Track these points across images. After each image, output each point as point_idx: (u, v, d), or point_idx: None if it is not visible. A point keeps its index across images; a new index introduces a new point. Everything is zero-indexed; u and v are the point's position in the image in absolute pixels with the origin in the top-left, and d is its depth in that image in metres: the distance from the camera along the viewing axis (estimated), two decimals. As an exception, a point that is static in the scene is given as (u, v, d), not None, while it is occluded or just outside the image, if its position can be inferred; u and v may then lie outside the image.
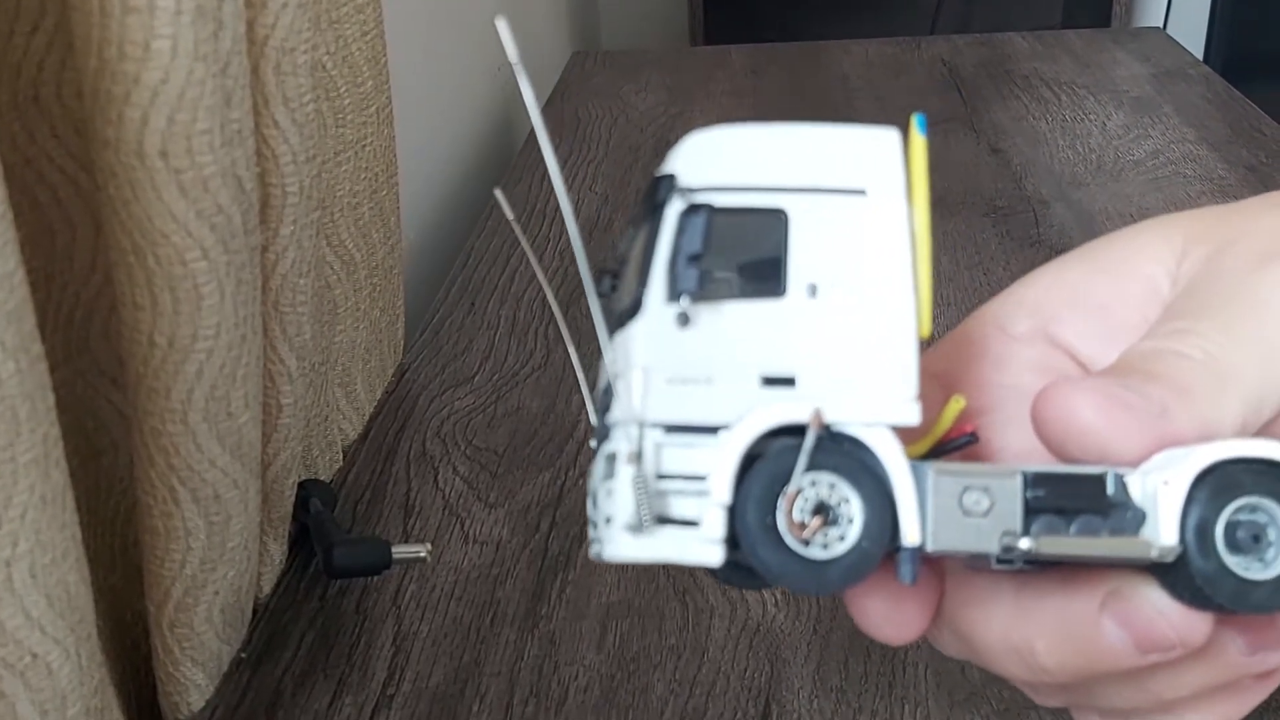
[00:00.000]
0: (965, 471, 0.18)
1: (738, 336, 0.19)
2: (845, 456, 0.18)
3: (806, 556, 0.18)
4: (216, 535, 0.35)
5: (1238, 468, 0.18)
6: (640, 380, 0.19)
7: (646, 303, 0.19)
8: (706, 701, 0.36)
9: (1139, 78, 0.90)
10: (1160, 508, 0.18)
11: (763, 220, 0.19)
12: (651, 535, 0.18)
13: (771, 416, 0.18)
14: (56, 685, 0.28)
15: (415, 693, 0.37)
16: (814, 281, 0.19)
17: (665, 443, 0.18)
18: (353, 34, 0.46)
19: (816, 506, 0.18)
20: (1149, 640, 0.19)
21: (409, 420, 0.52)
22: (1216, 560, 0.18)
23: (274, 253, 0.37)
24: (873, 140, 0.19)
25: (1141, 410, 0.19)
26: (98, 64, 0.29)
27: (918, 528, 0.18)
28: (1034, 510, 0.18)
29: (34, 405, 0.26)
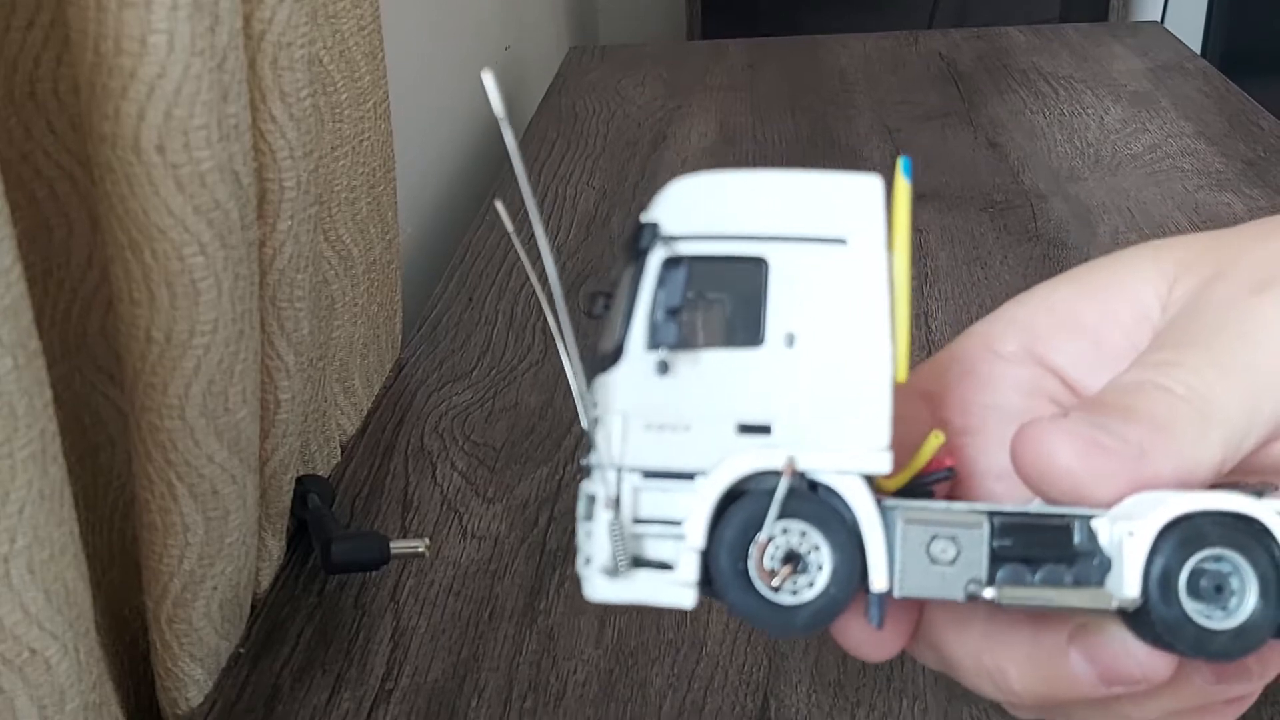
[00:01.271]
0: (933, 520, 0.19)
1: (715, 384, 0.19)
2: (817, 505, 0.19)
3: (775, 602, 0.18)
4: (214, 530, 0.35)
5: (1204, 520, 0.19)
6: (619, 426, 0.19)
7: (627, 349, 0.19)
8: (705, 696, 0.36)
9: (1136, 72, 0.90)
10: (1125, 558, 0.19)
11: (743, 269, 0.19)
12: (627, 579, 0.18)
13: (745, 464, 0.19)
14: (55, 681, 0.28)
15: (414, 687, 0.37)
16: (792, 331, 0.19)
17: (643, 487, 0.19)
18: (350, 28, 0.45)
19: (787, 554, 0.18)
20: (1113, 675, 0.19)
21: (407, 415, 0.52)
22: (1179, 609, 0.18)
23: (271, 248, 0.37)
24: (855, 188, 0.20)
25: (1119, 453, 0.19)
26: (94, 59, 0.29)
27: (885, 575, 0.19)
28: (1000, 559, 0.19)
29: (31, 401, 0.26)
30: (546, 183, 0.76)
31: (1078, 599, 0.19)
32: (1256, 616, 0.19)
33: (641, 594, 0.18)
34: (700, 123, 0.85)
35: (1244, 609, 0.19)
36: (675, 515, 0.19)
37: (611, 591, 0.19)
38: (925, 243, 0.66)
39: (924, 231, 0.67)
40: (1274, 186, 0.69)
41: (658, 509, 0.19)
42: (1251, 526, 0.19)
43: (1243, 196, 0.69)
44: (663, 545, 0.19)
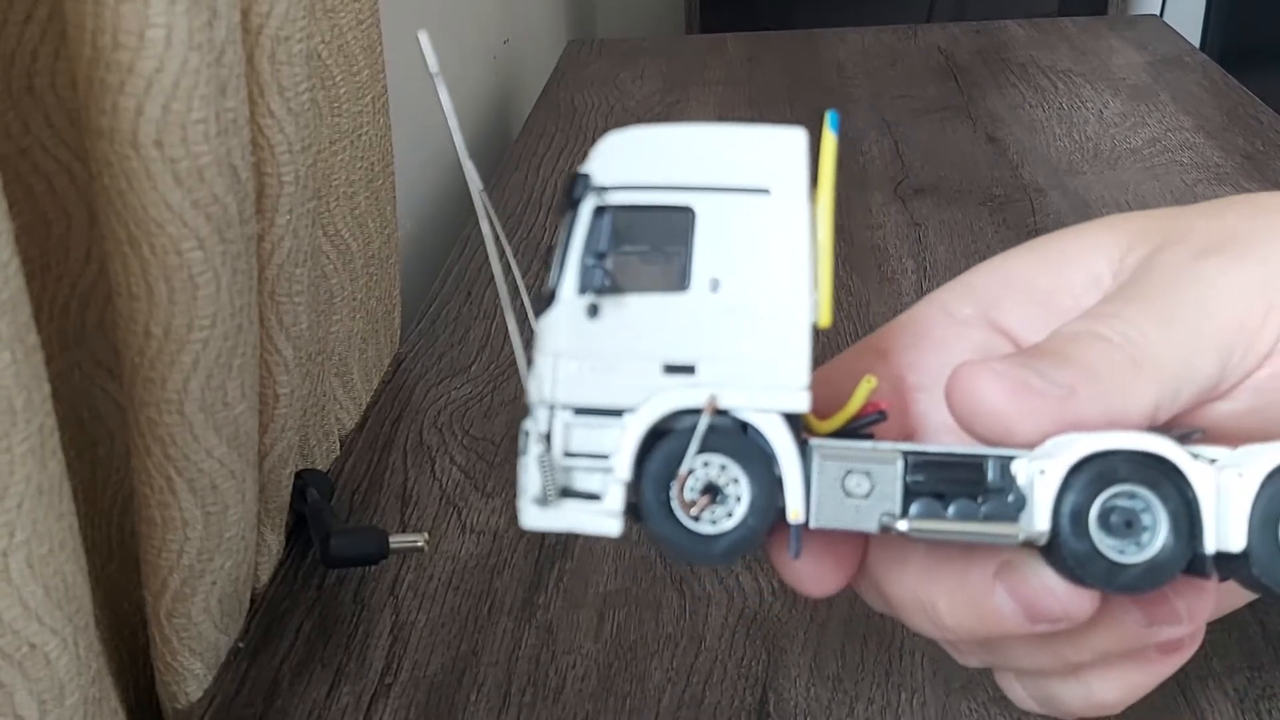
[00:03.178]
0: (848, 455, 0.20)
1: (643, 327, 0.20)
2: (736, 440, 0.20)
3: (696, 531, 0.20)
4: (213, 525, 0.35)
5: (1116, 457, 0.20)
6: (551, 366, 0.20)
7: (559, 294, 0.20)
8: (704, 690, 0.36)
9: (1135, 66, 0.90)
10: (1036, 494, 0.20)
11: (671, 217, 0.20)
12: (556, 508, 0.20)
13: (670, 401, 0.20)
14: (54, 675, 0.28)
15: (413, 682, 0.37)
16: (716, 276, 0.20)
17: (574, 423, 0.20)
18: (348, 22, 0.45)
19: (706, 486, 0.20)
20: (1035, 611, 0.20)
21: (406, 410, 0.52)
22: (1089, 543, 0.19)
23: (270, 242, 0.37)
24: (780, 140, 0.21)
25: (1046, 394, 0.20)
26: (92, 53, 0.28)
27: (801, 507, 0.20)
28: (913, 493, 0.20)
29: (30, 396, 0.26)
30: (545, 177, 0.76)
31: (988, 530, 0.20)
32: (1167, 551, 0.19)
33: (570, 522, 0.20)
34: (698, 117, 0.85)
35: (1155, 544, 0.19)
36: (604, 450, 0.20)
37: (542, 519, 0.20)
38: (923, 237, 0.66)
39: (922, 226, 0.67)
40: (1273, 180, 0.69)
41: (587, 444, 0.20)
42: (1163, 465, 0.20)
43: (1242, 190, 0.68)
44: (591, 478, 0.20)
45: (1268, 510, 0.19)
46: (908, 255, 0.64)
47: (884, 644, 0.37)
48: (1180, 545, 0.19)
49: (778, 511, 0.20)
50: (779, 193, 0.20)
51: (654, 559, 0.42)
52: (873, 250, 0.64)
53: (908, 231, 0.66)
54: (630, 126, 0.20)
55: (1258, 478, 0.19)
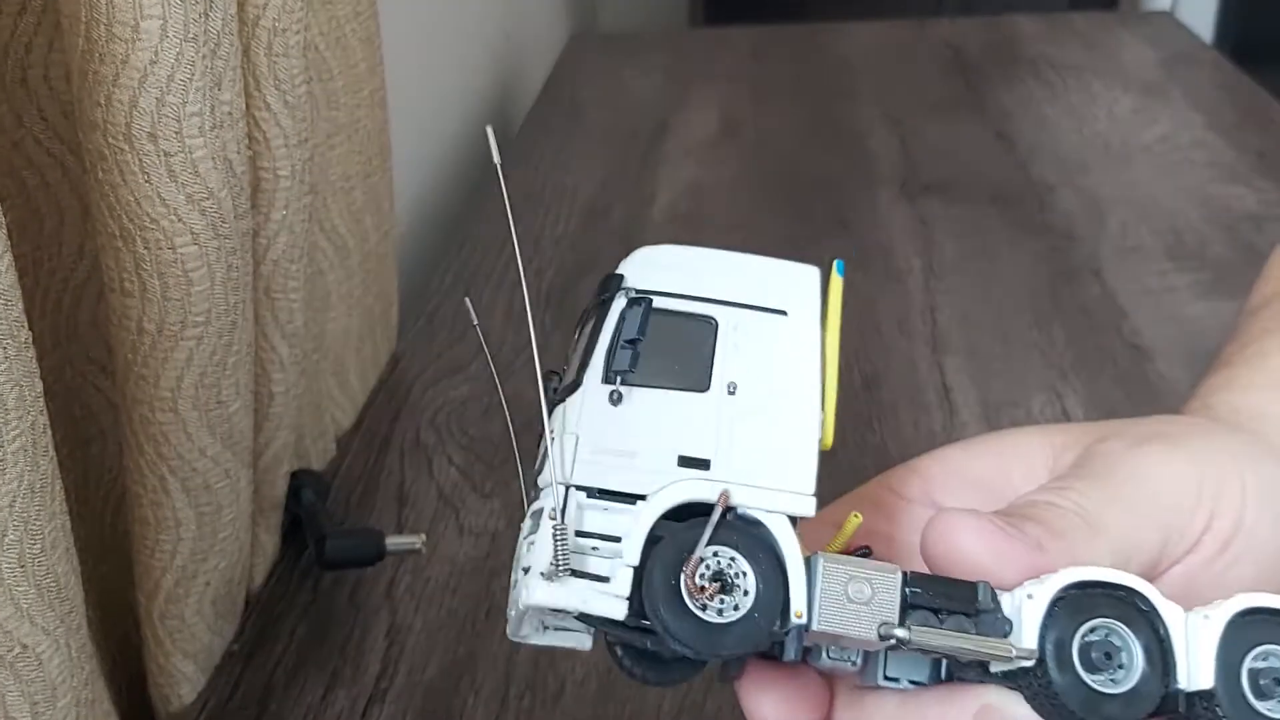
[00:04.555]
0: (852, 563, 0.21)
1: (662, 420, 0.21)
2: (746, 535, 0.20)
3: (703, 619, 0.20)
4: (207, 525, 0.35)
5: (1096, 591, 0.21)
6: (571, 447, 0.21)
7: (585, 380, 0.21)
8: (705, 696, 0.36)
9: (1147, 62, 0.89)
10: (1024, 619, 0.21)
11: (696, 325, 0.22)
12: (564, 584, 0.20)
13: (684, 492, 0.20)
14: (46, 676, 0.28)
15: (409, 686, 0.37)
16: (734, 381, 0.21)
17: (587, 505, 0.21)
18: (345, 14, 0.45)
19: (715, 575, 0.20)
20: None
21: (403, 410, 0.51)
22: (1072, 673, 0.20)
23: (265, 238, 0.36)
24: (797, 272, 0.23)
25: (1020, 541, 0.22)
26: (86, 45, 0.28)
27: (805, 605, 0.20)
28: (911, 605, 0.21)
29: (22, 393, 0.26)
30: (546, 173, 0.76)
31: (982, 645, 0.20)
32: (1145, 684, 0.20)
33: (575, 599, 0.20)
34: (702, 112, 0.84)
35: (1132, 677, 0.20)
36: (614, 532, 0.20)
37: (549, 595, 0.20)
38: (931, 235, 0.65)
39: (929, 224, 0.66)
40: (1284, 179, 0.68)
41: (599, 525, 0.20)
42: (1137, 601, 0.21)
43: (1254, 189, 0.68)
44: (600, 561, 0.20)
45: (1231, 653, 0.20)
46: (914, 253, 0.63)
47: (888, 650, 0.37)
48: (1155, 679, 0.20)
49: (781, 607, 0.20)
50: (795, 315, 0.22)
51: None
52: (879, 248, 0.64)
53: (915, 229, 0.65)
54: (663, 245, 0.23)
55: (1223, 620, 0.21)
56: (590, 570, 0.20)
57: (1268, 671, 0.20)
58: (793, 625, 0.20)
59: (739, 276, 0.22)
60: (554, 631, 0.22)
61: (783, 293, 0.22)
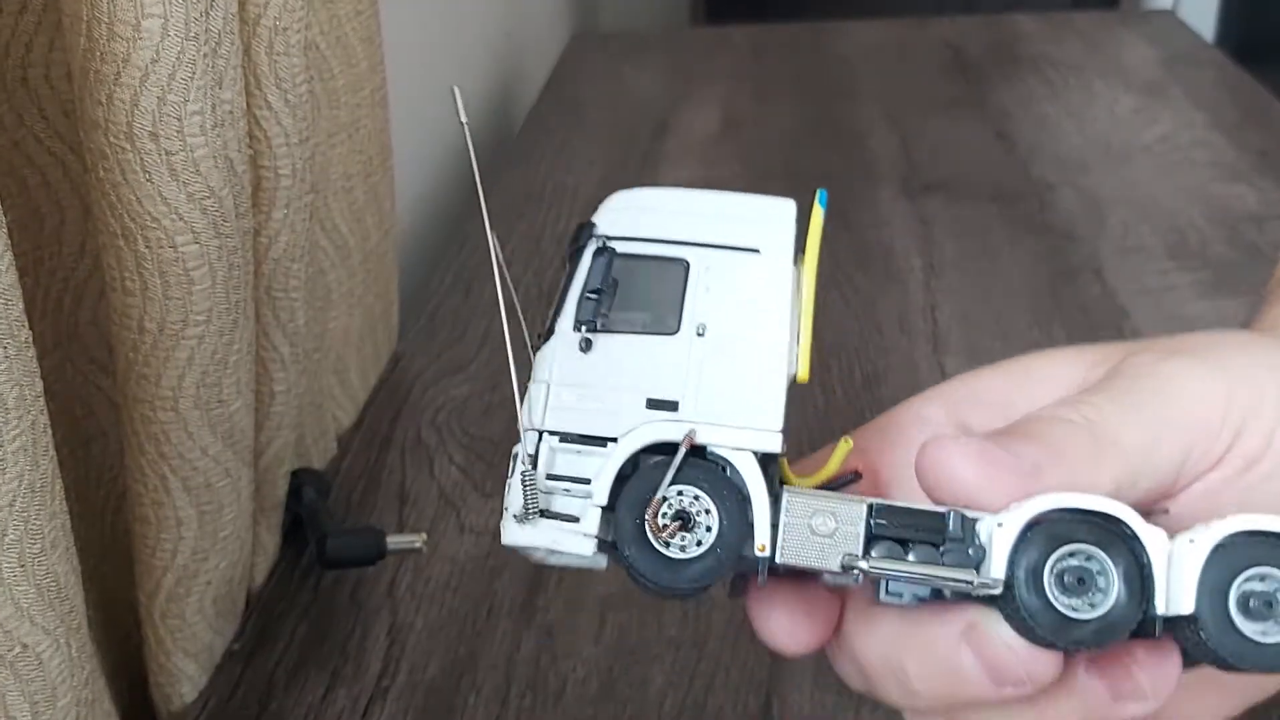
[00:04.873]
0: (817, 496, 0.21)
1: (631, 364, 0.22)
2: (711, 473, 0.21)
3: (666, 555, 0.21)
4: (208, 525, 0.35)
5: (1071, 516, 0.21)
6: (543, 394, 0.22)
7: (557, 328, 0.22)
8: (706, 695, 0.36)
9: (1148, 61, 0.89)
10: (994, 547, 0.21)
11: (666, 268, 0.22)
12: (535, 525, 0.21)
13: (651, 433, 0.21)
14: (47, 676, 0.28)
15: (410, 685, 0.37)
16: (704, 322, 0.22)
17: (559, 449, 0.21)
18: (346, 13, 0.45)
19: (678, 513, 0.21)
20: (999, 672, 0.21)
21: (404, 408, 0.51)
22: (1043, 598, 0.20)
23: (266, 237, 0.36)
24: (773, 207, 0.23)
25: (1012, 467, 0.21)
26: (87, 44, 0.28)
27: (769, 541, 0.21)
28: (876, 537, 0.21)
29: (22, 392, 0.26)
30: (547, 171, 0.75)
31: (944, 574, 0.21)
32: (1119, 610, 0.20)
33: (547, 539, 0.21)
34: (703, 111, 0.84)
35: (1107, 603, 0.20)
36: (586, 474, 0.21)
37: (521, 536, 0.21)
38: (932, 234, 0.65)
39: (930, 223, 0.66)
40: (1286, 179, 0.68)
41: (570, 468, 0.21)
42: (1118, 526, 0.21)
43: (1256, 188, 0.68)
44: (571, 502, 0.21)
45: (1217, 577, 0.20)
46: (915, 253, 0.63)
47: (889, 649, 0.37)
48: (1132, 606, 0.20)
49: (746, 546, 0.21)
50: (768, 253, 0.22)
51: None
52: (879, 248, 0.64)
53: (915, 229, 0.65)
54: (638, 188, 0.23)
55: (1208, 544, 0.20)
56: (561, 511, 0.21)
57: (1260, 594, 0.20)
58: (757, 557, 0.21)
59: (714, 216, 0.22)
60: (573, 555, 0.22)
61: (757, 230, 0.22)
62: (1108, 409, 0.22)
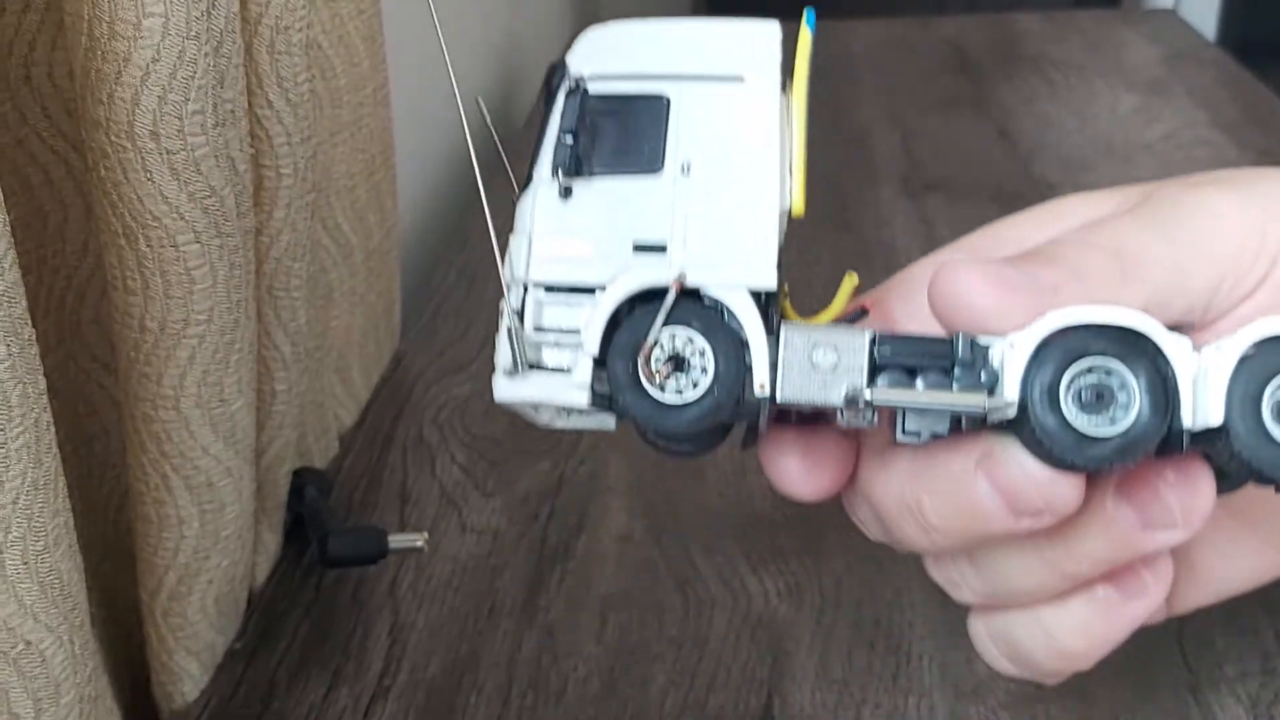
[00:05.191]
0: (817, 329, 0.20)
1: (615, 208, 0.20)
2: (705, 314, 0.20)
3: (662, 401, 0.20)
4: (210, 524, 0.35)
5: (1088, 331, 0.19)
6: (524, 246, 0.21)
7: (536, 175, 0.21)
8: (708, 694, 0.36)
9: (1150, 60, 0.89)
10: (1006, 368, 0.19)
11: (645, 105, 0.21)
12: (525, 379, 0.20)
13: (639, 279, 0.20)
14: (50, 673, 0.28)
15: (412, 684, 0.37)
16: (689, 159, 0.21)
17: (546, 301, 0.21)
18: (349, 12, 0.45)
19: (672, 357, 0.20)
20: (1016, 500, 0.20)
21: (406, 407, 0.51)
22: (1059, 417, 0.19)
23: (268, 236, 0.36)
24: (755, 32, 0.21)
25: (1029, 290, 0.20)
26: (88, 42, 0.28)
27: (767, 378, 0.20)
28: (881, 367, 0.20)
29: (25, 390, 0.26)
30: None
31: (954, 400, 0.19)
32: (1141, 425, 0.19)
33: (538, 393, 0.20)
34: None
35: (1128, 418, 0.19)
36: (575, 325, 0.20)
37: (511, 390, 0.20)
38: (933, 233, 0.65)
39: (931, 222, 0.66)
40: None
41: (559, 320, 0.21)
42: (1138, 339, 0.19)
43: (1256, 188, 0.68)
44: (561, 354, 0.20)
45: (1248, 383, 0.19)
46: (917, 251, 0.63)
47: (891, 648, 0.37)
48: (1155, 419, 0.19)
49: (745, 386, 0.20)
50: (752, 81, 0.21)
51: (657, 561, 0.41)
52: (881, 246, 0.63)
53: (917, 228, 0.65)
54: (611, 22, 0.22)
55: (1237, 351, 0.19)
56: (552, 363, 0.20)
57: None
58: (757, 398, 0.20)
59: (692, 46, 0.21)
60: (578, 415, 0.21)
61: (739, 57, 0.21)
62: (1134, 231, 0.21)
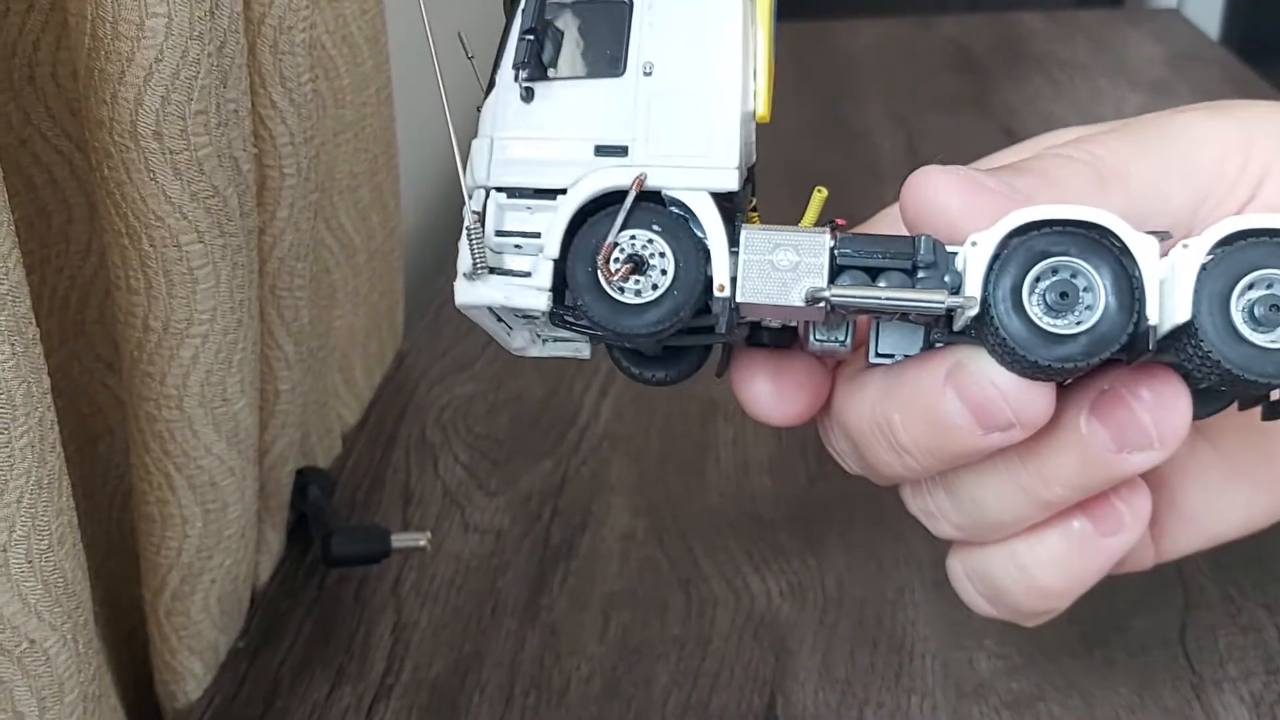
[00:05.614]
0: (777, 231, 0.20)
1: (576, 110, 0.20)
2: (665, 216, 0.20)
3: (623, 301, 0.20)
4: (213, 523, 0.35)
5: (1051, 229, 0.19)
6: (486, 149, 0.21)
7: (498, 79, 0.21)
8: (710, 693, 0.36)
9: (1154, 59, 0.89)
10: (968, 267, 0.19)
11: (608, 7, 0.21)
12: (485, 282, 0.20)
13: (601, 181, 0.20)
14: (54, 671, 0.28)
15: (415, 683, 0.37)
16: (650, 60, 0.20)
17: (508, 205, 0.21)
18: (352, 12, 0.45)
19: (630, 257, 0.20)
20: (985, 414, 0.20)
21: (409, 407, 0.51)
22: (1024, 318, 0.19)
23: (271, 236, 0.36)
24: None
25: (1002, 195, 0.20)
26: (91, 43, 0.28)
27: (728, 280, 0.20)
28: (842, 267, 0.20)
29: (29, 389, 0.26)
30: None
31: (914, 297, 0.19)
32: (1107, 321, 0.18)
33: (499, 295, 0.20)
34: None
35: (1094, 316, 0.19)
36: (536, 229, 0.20)
37: (472, 294, 0.20)
38: (936, 233, 0.65)
39: (935, 221, 0.66)
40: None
41: (520, 224, 0.21)
42: (1102, 235, 0.19)
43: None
44: (522, 258, 0.20)
45: (1216, 281, 0.18)
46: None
47: (894, 647, 0.37)
48: (1121, 316, 0.19)
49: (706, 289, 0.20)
50: None
51: (660, 561, 0.41)
52: (884, 246, 0.63)
53: (920, 227, 0.65)
54: None
55: (1204, 248, 0.18)
56: (513, 267, 0.20)
57: (1266, 299, 0.18)
58: (717, 299, 0.20)
59: None
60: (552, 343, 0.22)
61: None
62: (1114, 145, 0.21)
